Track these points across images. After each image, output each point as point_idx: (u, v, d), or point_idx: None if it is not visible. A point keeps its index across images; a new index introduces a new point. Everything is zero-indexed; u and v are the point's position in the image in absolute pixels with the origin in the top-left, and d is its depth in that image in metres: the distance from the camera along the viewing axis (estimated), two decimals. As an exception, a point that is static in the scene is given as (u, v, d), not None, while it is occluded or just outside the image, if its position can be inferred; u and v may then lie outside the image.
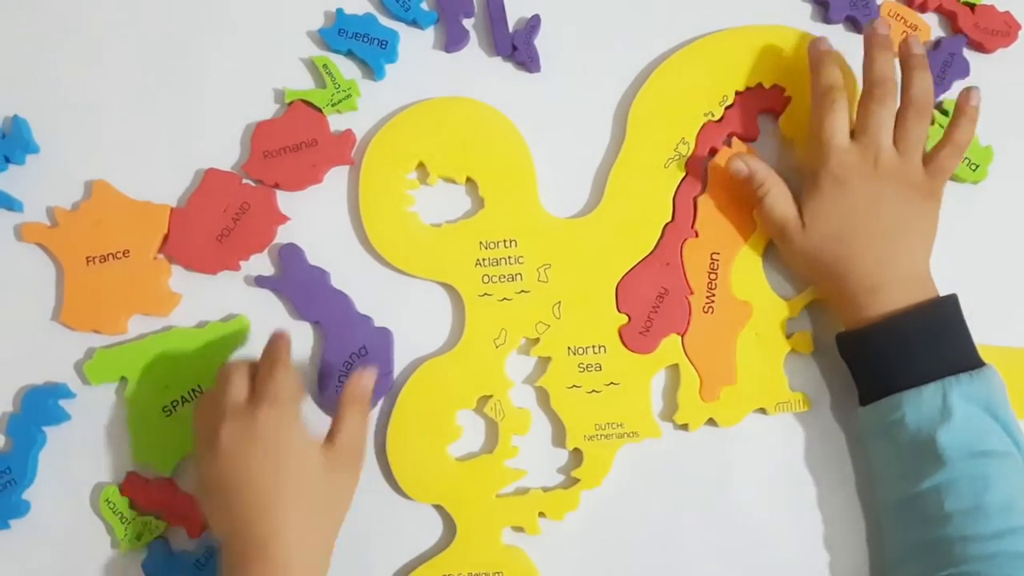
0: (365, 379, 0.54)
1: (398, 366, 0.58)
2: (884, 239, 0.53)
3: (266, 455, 0.50)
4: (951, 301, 0.53)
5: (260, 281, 0.58)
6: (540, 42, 0.62)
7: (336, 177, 0.60)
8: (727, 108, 0.60)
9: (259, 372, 0.53)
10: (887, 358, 0.52)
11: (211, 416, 0.51)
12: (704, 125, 0.60)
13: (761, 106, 0.60)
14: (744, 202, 0.59)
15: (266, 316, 0.59)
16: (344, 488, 0.53)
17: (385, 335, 0.58)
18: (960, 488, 0.49)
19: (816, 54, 0.57)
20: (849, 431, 0.58)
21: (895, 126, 0.55)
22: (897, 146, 0.54)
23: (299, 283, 0.58)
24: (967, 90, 0.56)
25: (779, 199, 0.56)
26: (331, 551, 0.51)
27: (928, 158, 0.55)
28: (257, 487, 0.49)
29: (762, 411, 0.58)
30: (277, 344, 0.54)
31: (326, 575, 0.51)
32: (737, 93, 0.60)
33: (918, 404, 0.50)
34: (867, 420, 0.54)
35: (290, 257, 0.58)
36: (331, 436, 0.52)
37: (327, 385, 0.57)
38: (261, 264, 0.59)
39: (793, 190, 0.56)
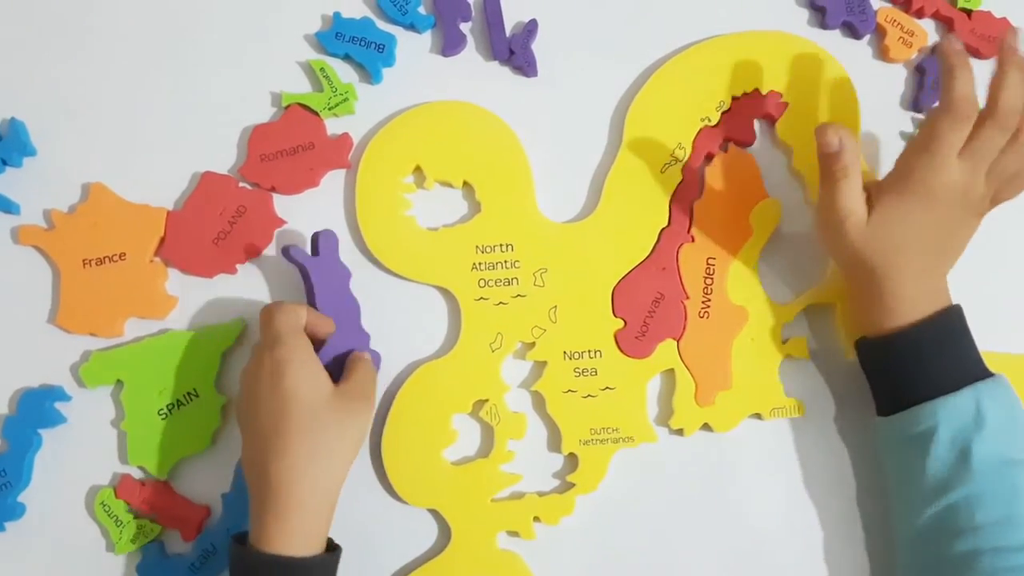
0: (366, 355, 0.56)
1: (394, 369, 0.59)
2: (934, 255, 0.53)
3: (273, 398, 0.51)
4: (958, 309, 0.53)
5: (293, 252, 0.56)
6: (537, 46, 0.62)
7: (333, 181, 0.60)
8: (723, 113, 0.60)
9: (260, 317, 0.54)
10: (914, 367, 0.51)
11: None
12: (700, 130, 0.60)
13: (757, 112, 0.61)
14: (740, 207, 0.59)
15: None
16: (353, 429, 0.53)
17: (375, 358, 0.58)
18: (991, 499, 0.49)
19: (947, 60, 0.52)
20: (844, 437, 0.58)
21: (970, 134, 0.52)
22: (963, 160, 0.52)
23: (327, 272, 0.57)
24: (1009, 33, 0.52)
25: (853, 189, 0.53)
26: (339, 491, 0.52)
27: (992, 183, 0.53)
28: (267, 430, 0.51)
29: (757, 416, 0.58)
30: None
31: (333, 512, 0.52)
32: (734, 98, 0.61)
33: (954, 412, 0.50)
34: (890, 431, 0.53)
35: (327, 244, 0.57)
36: (340, 382, 0.53)
37: None
38: (258, 267, 0.59)
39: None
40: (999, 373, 0.52)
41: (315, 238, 0.57)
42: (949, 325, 0.52)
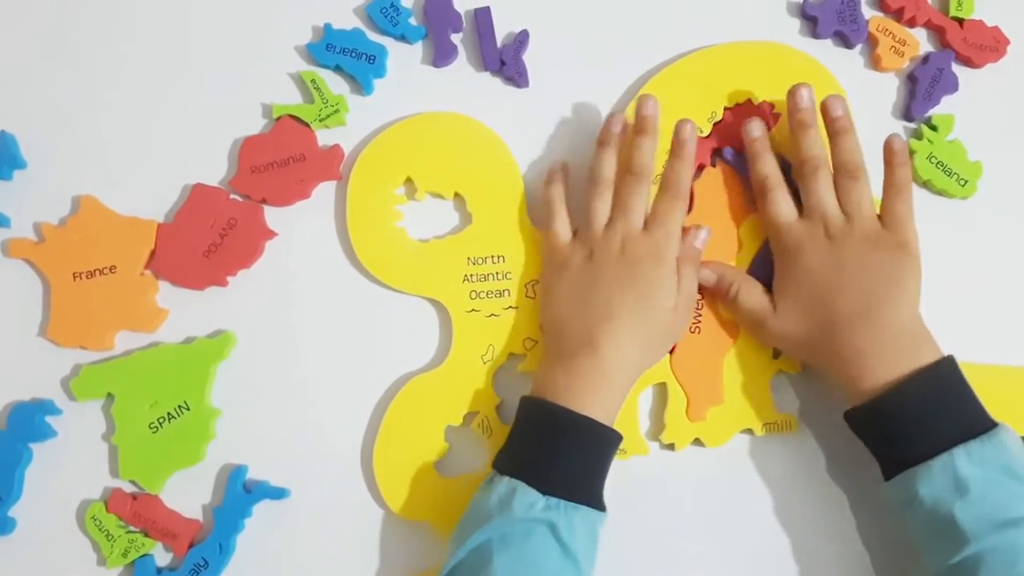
0: (698, 241, 0.56)
1: (385, 381, 0.58)
2: (858, 301, 0.52)
3: (636, 279, 0.53)
4: (947, 364, 0.50)
5: (727, 153, 0.59)
6: (528, 57, 0.62)
7: (324, 192, 0.60)
8: (715, 124, 0.60)
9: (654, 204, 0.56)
10: (893, 433, 0.50)
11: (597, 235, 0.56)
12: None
13: (750, 122, 0.60)
14: (730, 222, 0.59)
15: (253, 332, 0.59)
16: (676, 330, 0.55)
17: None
18: (991, 561, 0.46)
19: (749, 146, 0.58)
20: (835, 451, 0.57)
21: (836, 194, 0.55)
22: (844, 212, 0.54)
23: None
24: (889, 139, 0.56)
25: (749, 292, 0.56)
26: (640, 375, 0.55)
27: (881, 213, 0.55)
28: (613, 302, 0.53)
29: (749, 431, 0.58)
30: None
31: (628, 389, 0.54)
32: (726, 109, 0.60)
33: (929, 480, 0.48)
34: (888, 496, 0.51)
35: None
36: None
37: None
38: (248, 280, 0.59)
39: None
40: (1000, 423, 0.49)
41: None
42: (924, 386, 0.50)
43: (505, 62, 0.61)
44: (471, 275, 0.58)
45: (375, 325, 0.59)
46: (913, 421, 0.49)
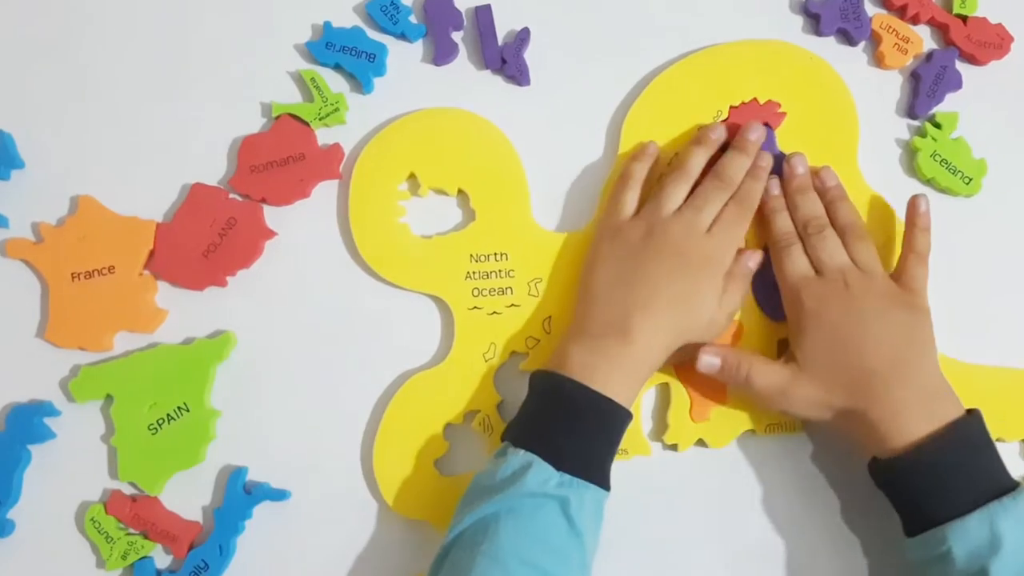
0: (752, 262, 0.56)
1: (386, 379, 0.58)
2: (886, 355, 0.51)
3: (686, 276, 0.53)
4: (976, 420, 0.50)
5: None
6: (529, 56, 0.61)
7: (324, 191, 0.60)
8: (721, 123, 0.60)
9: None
10: (923, 490, 0.49)
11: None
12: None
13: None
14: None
15: (253, 332, 0.58)
16: (715, 327, 0.54)
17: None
18: None
19: (768, 201, 0.57)
20: (838, 452, 0.57)
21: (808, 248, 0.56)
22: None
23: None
24: (913, 200, 0.56)
25: (761, 372, 0.53)
26: (660, 362, 0.54)
27: (897, 273, 0.55)
28: (656, 293, 0.52)
29: (752, 432, 0.57)
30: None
31: (646, 381, 0.54)
32: (731, 108, 0.60)
33: (964, 536, 0.47)
34: (914, 553, 0.50)
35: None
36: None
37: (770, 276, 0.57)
38: (248, 280, 0.58)
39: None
40: (1023, 484, 0.49)
41: None
42: (958, 441, 0.50)
43: (506, 60, 0.61)
44: (473, 272, 0.58)
45: (375, 323, 0.59)
46: (948, 476, 0.49)
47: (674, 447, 0.57)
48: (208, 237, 0.58)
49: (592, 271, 0.55)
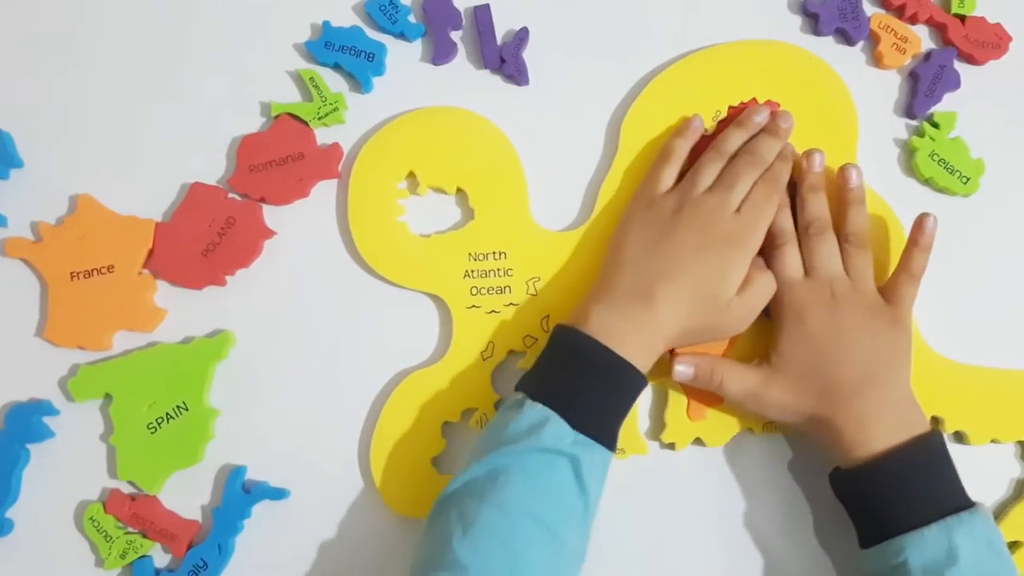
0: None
1: (384, 377, 0.58)
2: (859, 368, 0.52)
3: (711, 251, 0.53)
4: (938, 436, 0.51)
5: None
6: (528, 55, 0.61)
7: (323, 190, 0.60)
8: (720, 122, 0.60)
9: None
10: (883, 499, 0.50)
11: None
12: (699, 140, 0.59)
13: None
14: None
15: (252, 331, 0.58)
16: (723, 325, 0.54)
17: None
18: None
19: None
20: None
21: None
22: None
23: None
24: (921, 218, 0.56)
25: (734, 376, 0.54)
26: (674, 345, 0.54)
27: (886, 288, 0.55)
28: (682, 264, 0.53)
29: (750, 431, 0.57)
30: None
31: (662, 351, 0.53)
32: (731, 108, 0.60)
33: (921, 547, 0.48)
34: (869, 564, 0.51)
35: None
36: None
37: None
38: (247, 279, 0.58)
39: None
40: (978, 503, 0.50)
41: None
42: (920, 455, 0.50)
43: (505, 60, 0.61)
44: (472, 271, 0.58)
45: (374, 322, 0.59)
46: (908, 488, 0.50)
47: (671, 446, 0.57)
48: (207, 236, 0.58)
49: (622, 237, 0.56)
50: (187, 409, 0.57)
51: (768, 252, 0.56)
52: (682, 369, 0.55)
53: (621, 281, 0.53)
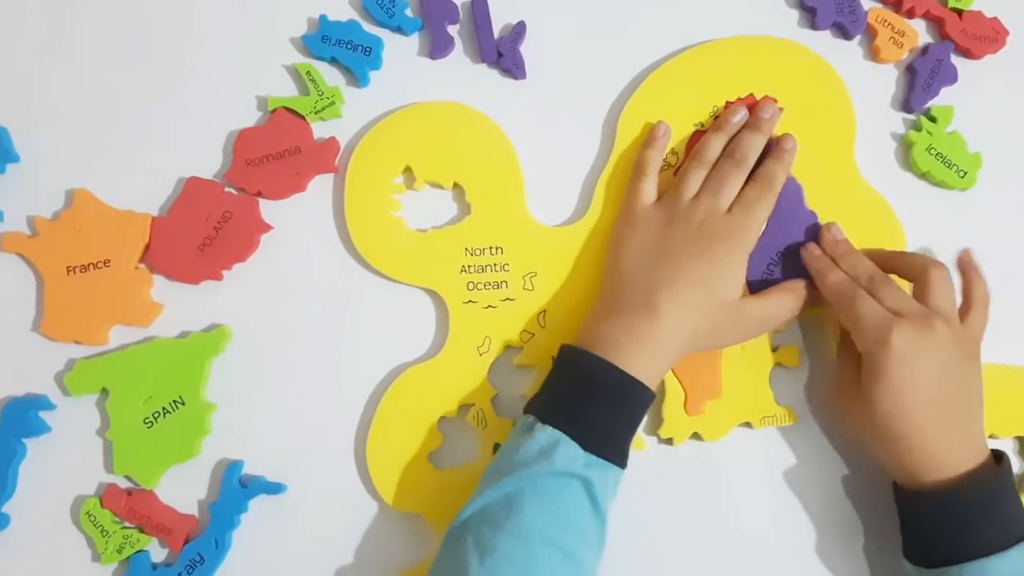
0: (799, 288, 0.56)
1: (380, 372, 0.58)
2: (949, 413, 0.51)
3: (707, 253, 0.53)
4: (1007, 464, 0.51)
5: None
6: (525, 49, 0.61)
7: (320, 185, 0.60)
8: (717, 118, 0.60)
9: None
10: (957, 523, 0.49)
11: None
12: (693, 135, 0.60)
13: (751, 116, 0.60)
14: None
15: (248, 326, 0.58)
16: (730, 329, 0.54)
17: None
18: None
19: (814, 261, 0.56)
20: (835, 445, 0.57)
21: (920, 295, 0.53)
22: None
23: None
24: (965, 255, 0.56)
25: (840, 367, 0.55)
26: (685, 353, 0.54)
27: (963, 316, 0.54)
28: (680, 270, 0.53)
29: (747, 425, 0.57)
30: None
31: (673, 362, 0.53)
32: (728, 103, 0.60)
33: (1001, 572, 0.48)
34: None
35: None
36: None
37: (763, 268, 0.58)
38: (243, 273, 0.58)
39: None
40: None
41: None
42: (992, 482, 0.50)
43: (502, 54, 0.61)
44: (468, 266, 0.58)
45: (370, 317, 0.59)
46: (985, 513, 0.49)
47: (669, 441, 0.57)
48: (204, 231, 0.58)
49: (617, 256, 0.56)
50: (184, 404, 0.57)
51: (841, 304, 0.54)
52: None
53: (622, 297, 0.53)
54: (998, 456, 0.52)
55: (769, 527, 0.57)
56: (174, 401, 0.57)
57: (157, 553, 0.56)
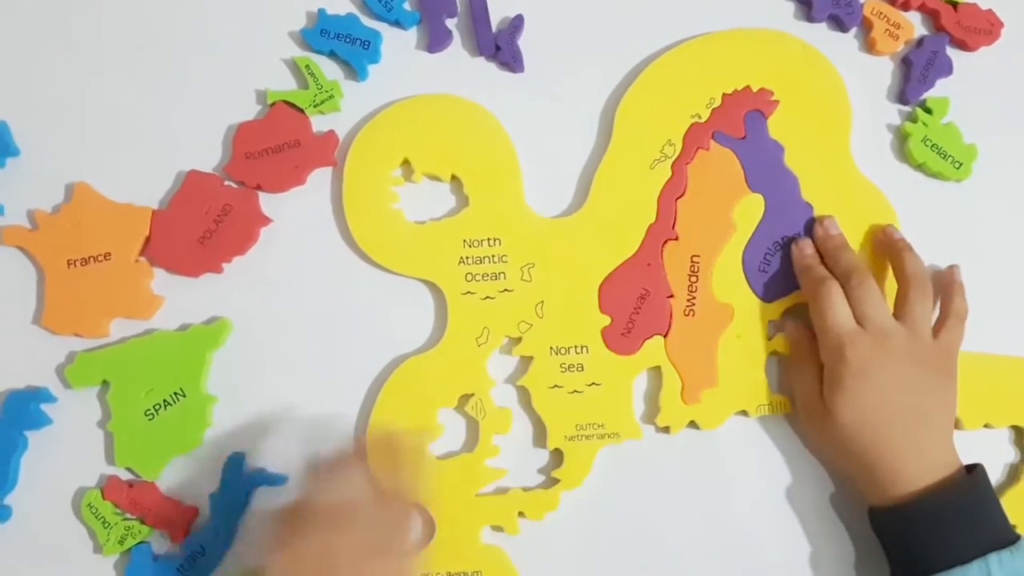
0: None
1: (380, 363, 0.58)
2: (913, 426, 0.52)
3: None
4: (981, 471, 0.52)
5: (719, 138, 0.58)
6: (523, 42, 0.62)
7: (319, 178, 0.60)
8: (714, 110, 0.60)
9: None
10: (923, 538, 0.50)
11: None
12: (690, 127, 0.60)
13: (748, 109, 0.60)
14: (723, 205, 0.59)
15: (248, 318, 0.59)
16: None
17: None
18: None
19: (800, 259, 0.58)
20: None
21: (897, 305, 0.55)
22: (903, 324, 0.54)
23: (758, 150, 0.58)
24: (952, 270, 0.57)
25: (803, 382, 0.56)
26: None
27: (935, 330, 0.55)
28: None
29: (743, 413, 0.58)
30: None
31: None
32: (724, 95, 0.60)
33: None
34: None
35: (754, 124, 0.59)
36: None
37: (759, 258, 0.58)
38: (243, 266, 0.59)
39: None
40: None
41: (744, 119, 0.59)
42: (961, 493, 0.51)
43: (500, 47, 0.61)
44: (467, 257, 0.58)
45: (369, 309, 0.59)
46: (948, 527, 0.50)
47: (666, 429, 0.58)
48: (203, 224, 0.58)
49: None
50: (184, 395, 0.57)
51: (817, 302, 0.55)
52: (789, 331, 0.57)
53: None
54: (971, 467, 0.52)
55: (765, 513, 0.57)
56: (175, 393, 0.57)
57: (159, 544, 0.56)
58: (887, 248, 0.57)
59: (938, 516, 0.50)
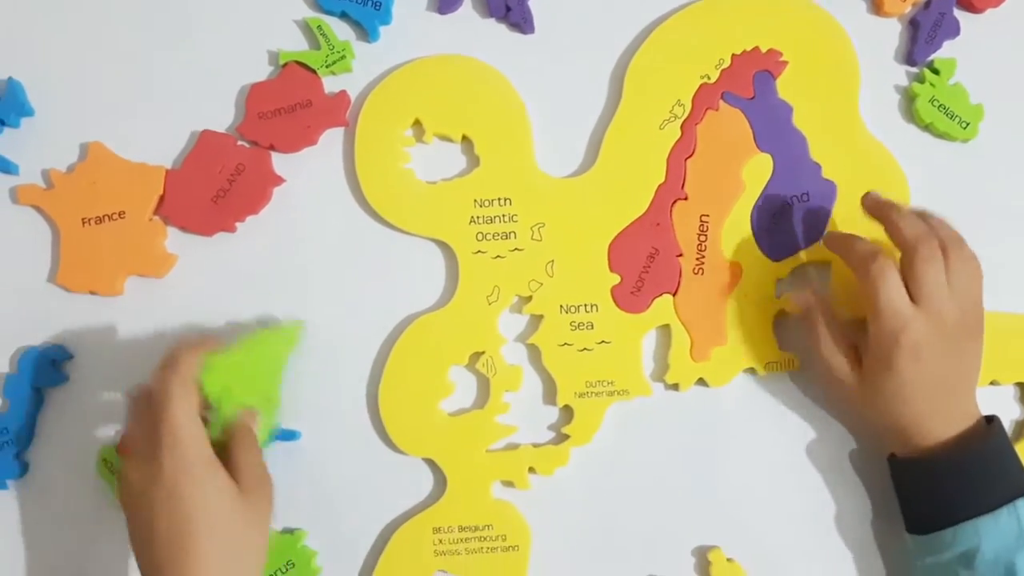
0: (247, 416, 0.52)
1: (392, 321, 0.59)
2: (949, 390, 0.52)
3: (174, 509, 0.47)
4: (999, 426, 0.53)
5: (728, 98, 0.59)
6: (534, 3, 0.62)
7: (330, 138, 0.60)
8: (723, 71, 0.60)
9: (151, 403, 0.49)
10: (952, 486, 0.50)
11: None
12: (700, 88, 0.60)
13: (757, 69, 0.60)
14: (732, 165, 0.59)
15: (263, 277, 0.60)
16: (261, 525, 0.51)
17: (831, 187, 0.58)
18: None
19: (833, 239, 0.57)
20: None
21: (911, 278, 0.52)
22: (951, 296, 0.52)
23: (767, 111, 0.59)
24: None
25: (829, 349, 0.54)
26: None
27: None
28: (168, 539, 0.47)
29: (752, 371, 0.58)
30: (176, 359, 0.50)
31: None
32: (734, 56, 0.60)
33: (995, 531, 0.49)
34: (929, 551, 0.51)
35: (763, 84, 0.59)
36: (236, 479, 0.50)
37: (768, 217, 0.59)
38: (256, 225, 0.59)
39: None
40: None
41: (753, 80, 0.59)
42: (985, 443, 0.51)
43: (511, 8, 0.61)
44: (477, 217, 0.59)
45: (381, 267, 0.60)
46: (979, 474, 0.50)
47: (675, 387, 0.58)
48: (217, 183, 0.59)
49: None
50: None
51: (868, 278, 0.52)
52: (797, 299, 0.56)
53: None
54: (989, 419, 0.53)
55: (774, 471, 0.58)
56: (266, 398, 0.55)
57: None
58: (876, 214, 0.55)
59: (963, 466, 0.51)
